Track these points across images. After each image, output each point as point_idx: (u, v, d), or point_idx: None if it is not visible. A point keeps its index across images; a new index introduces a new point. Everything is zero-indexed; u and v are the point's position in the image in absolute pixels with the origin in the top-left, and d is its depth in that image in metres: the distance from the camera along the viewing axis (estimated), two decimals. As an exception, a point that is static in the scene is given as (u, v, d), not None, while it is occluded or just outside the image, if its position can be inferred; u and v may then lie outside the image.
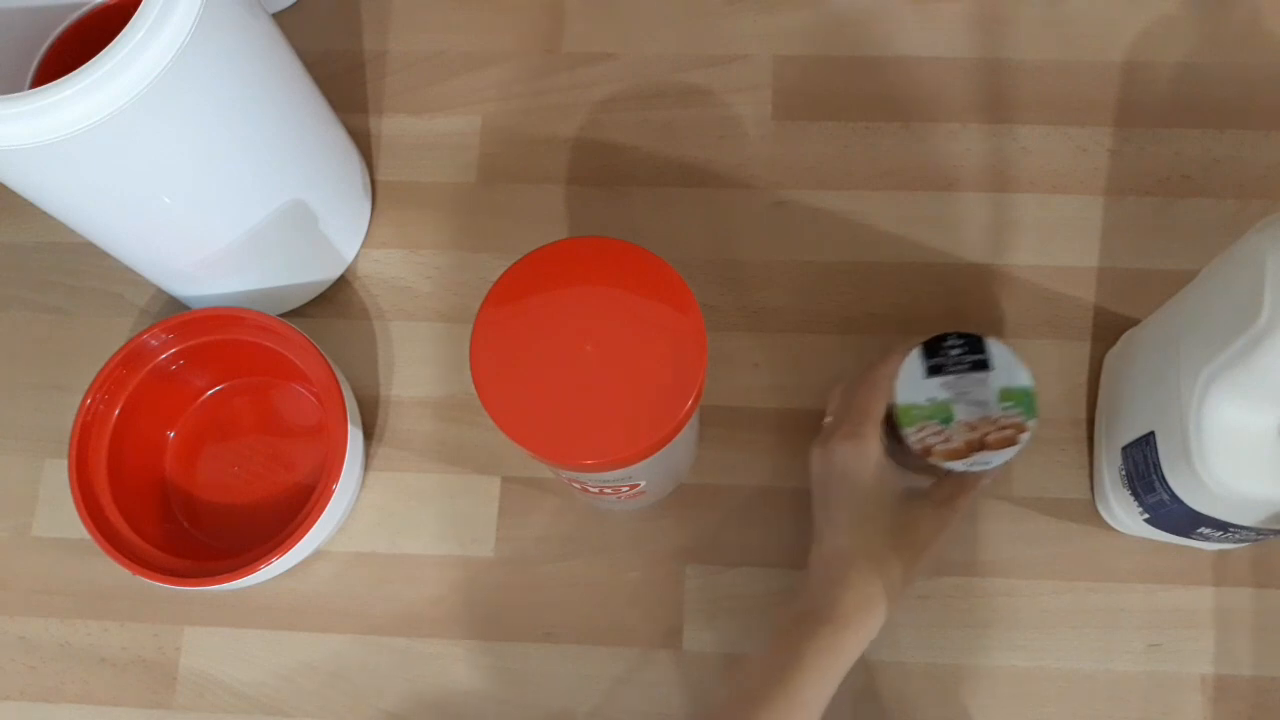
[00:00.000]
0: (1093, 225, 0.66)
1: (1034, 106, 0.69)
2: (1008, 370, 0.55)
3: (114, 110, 0.45)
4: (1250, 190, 0.66)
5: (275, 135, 0.56)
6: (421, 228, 0.69)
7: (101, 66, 0.44)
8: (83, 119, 0.45)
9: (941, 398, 0.54)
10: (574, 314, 0.47)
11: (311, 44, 0.69)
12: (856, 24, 0.71)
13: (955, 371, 0.55)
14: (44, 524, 0.65)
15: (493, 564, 0.63)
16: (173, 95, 0.47)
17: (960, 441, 0.54)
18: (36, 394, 0.67)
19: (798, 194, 0.68)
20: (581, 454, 0.46)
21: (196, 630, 0.63)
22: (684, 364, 0.46)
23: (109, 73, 0.44)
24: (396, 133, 0.71)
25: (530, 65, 0.72)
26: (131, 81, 0.45)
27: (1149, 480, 0.54)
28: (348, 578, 0.63)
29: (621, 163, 0.70)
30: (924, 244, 0.67)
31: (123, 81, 0.45)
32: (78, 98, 0.44)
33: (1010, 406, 0.54)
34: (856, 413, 0.55)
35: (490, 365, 0.46)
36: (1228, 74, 0.69)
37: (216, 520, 0.64)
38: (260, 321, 0.61)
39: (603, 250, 0.48)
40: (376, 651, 0.62)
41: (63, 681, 0.62)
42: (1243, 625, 0.60)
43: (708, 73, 0.71)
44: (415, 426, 0.65)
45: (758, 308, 0.66)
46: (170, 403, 0.64)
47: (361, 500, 0.64)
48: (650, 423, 0.45)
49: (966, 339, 0.55)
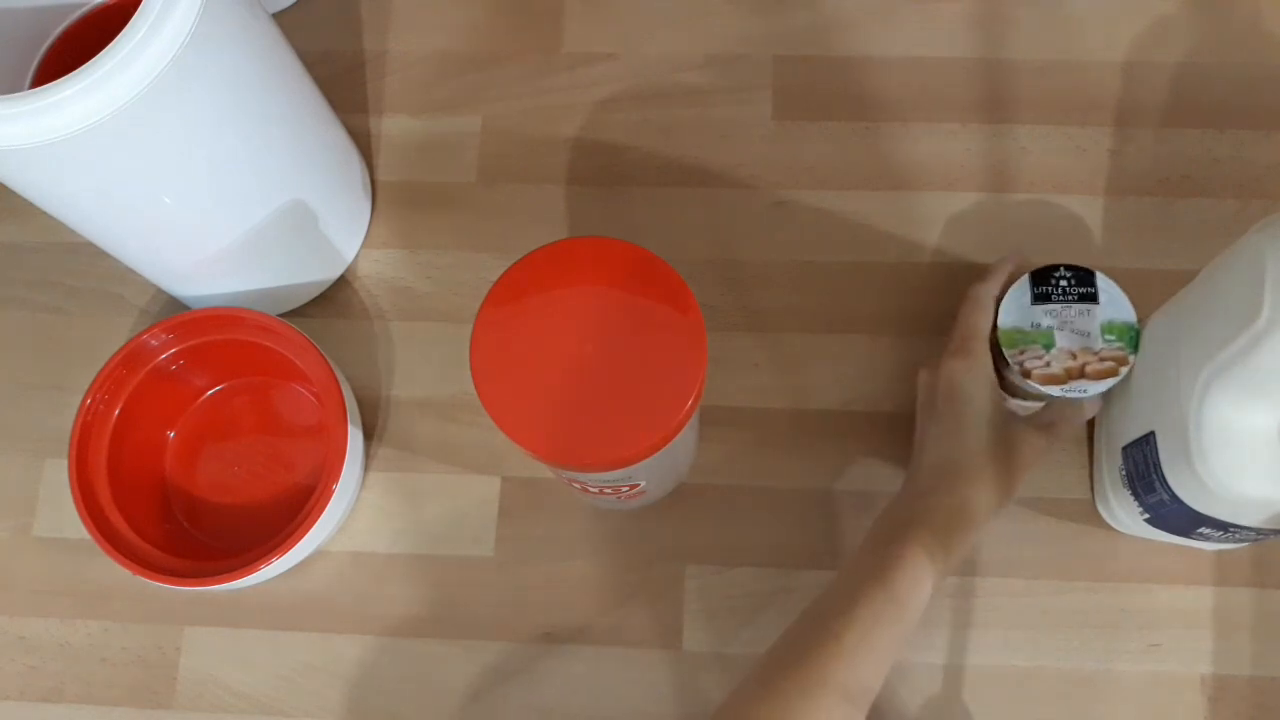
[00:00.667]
0: (1093, 225, 0.66)
1: (1034, 106, 0.69)
2: (1114, 305, 0.56)
3: (114, 110, 0.45)
4: (1250, 190, 0.66)
5: (275, 135, 0.56)
6: (421, 228, 0.69)
7: (101, 66, 0.44)
8: (83, 119, 0.45)
9: (1045, 324, 0.56)
10: (574, 314, 0.47)
11: (312, 44, 0.69)
12: (856, 24, 0.71)
13: (1062, 301, 0.57)
14: (44, 524, 0.65)
15: (492, 564, 0.63)
16: (173, 95, 0.47)
17: (1059, 368, 0.55)
18: (36, 394, 0.67)
19: (798, 194, 0.68)
20: (581, 454, 0.46)
21: (197, 630, 0.63)
22: (684, 363, 0.46)
23: (109, 72, 0.44)
24: (396, 133, 0.71)
25: (530, 65, 0.72)
26: (132, 81, 0.45)
27: (1149, 480, 0.54)
28: (348, 578, 0.63)
29: (622, 163, 0.69)
30: (924, 244, 0.67)
31: (123, 81, 0.45)
32: (78, 97, 0.44)
33: (1113, 340, 0.56)
34: (964, 331, 0.57)
35: (490, 365, 0.46)
36: (1228, 74, 0.69)
37: (216, 520, 0.64)
38: (260, 321, 0.61)
39: (603, 250, 0.48)
40: (376, 652, 0.62)
41: (63, 681, 0.62)
42: (1243, 625, 0.60)
43: (708, 73, 0.71)
44: (415, 427, 0.65)
45: (758, 308, 0.66)
46: (170, 403, 0.64)
47: (361, 500, 0.64)
48: (650, 423, 0.45)
49: (1076, 271, 0.57)
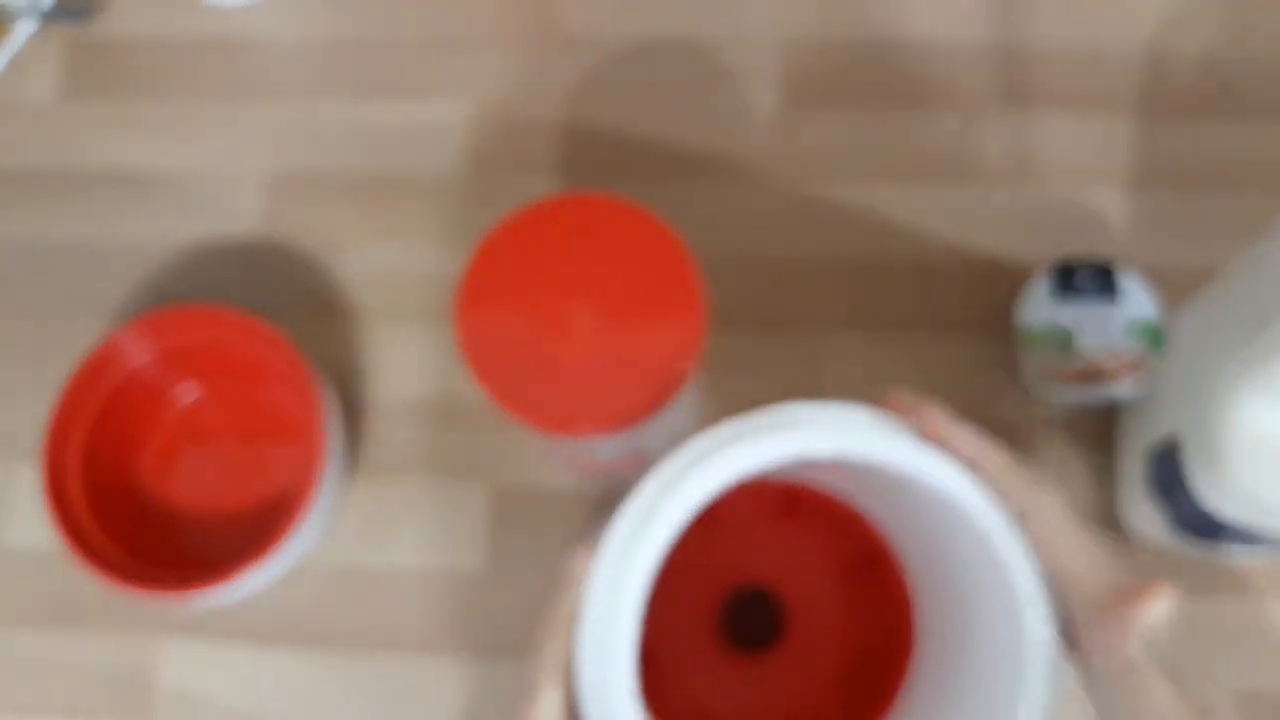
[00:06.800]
0: (1115, 220, 0.65)
1: (1054, 93, 0.67)
2: (1137, 303, 0.55)
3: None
4: (1278, 184, 0.65)
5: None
6: (409, 221, 0.67)
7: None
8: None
9: (1064, 323, 0.55)
10: (562, 276, 0.46)
11: (293, 31, 0.67)
12: (869, 6, 0.70)
13: (1083, 299, 0.56)
14: (16, 533, 0.63)
15: (483, 575, 0.61)
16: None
17: (1079, 368, 0.55)
18: (6, 398, 0.65)
19: (807, 185, 0.66)
20: (585, 419, 0.45)
21: (176, 643, 0.61)
22: (683, 314, 0.46)
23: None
24: (383, 122, 0.69)
25: (524, 49, 0.70)
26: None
27: (1172, 486, 0.52)
28: (332, 589, 0.62)
29: (620, 153, 0.68)
30: (939, 236, 0.65)
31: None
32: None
33: (1136, 339, 0.55)
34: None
35: (481, 342, 0.46)
36: (1253, 64, 0.67)
37: (194, 528, 0.62)
38: (240, 322, 0.59)
39: (582, 208, 0.47)
40: (362, 665, 0.60)
41: (38, 695, 0.61)
42: (1269, 639, 0.58)
43: (712, 57, 0.69)
44: (402, 432, 0.63)
45: (764, 304, 0.64)
46: (146, 406, 0.63)
47: (345, 509, 0.62)
48: (655, 375, 0.45)
49: (1098, 267, 0.56)
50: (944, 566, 0.42)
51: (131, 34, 0.71)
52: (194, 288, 0.66)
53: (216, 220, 0.67)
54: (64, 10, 0.71)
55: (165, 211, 0.68)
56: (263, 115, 0.69)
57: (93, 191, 0.68)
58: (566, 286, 0.46)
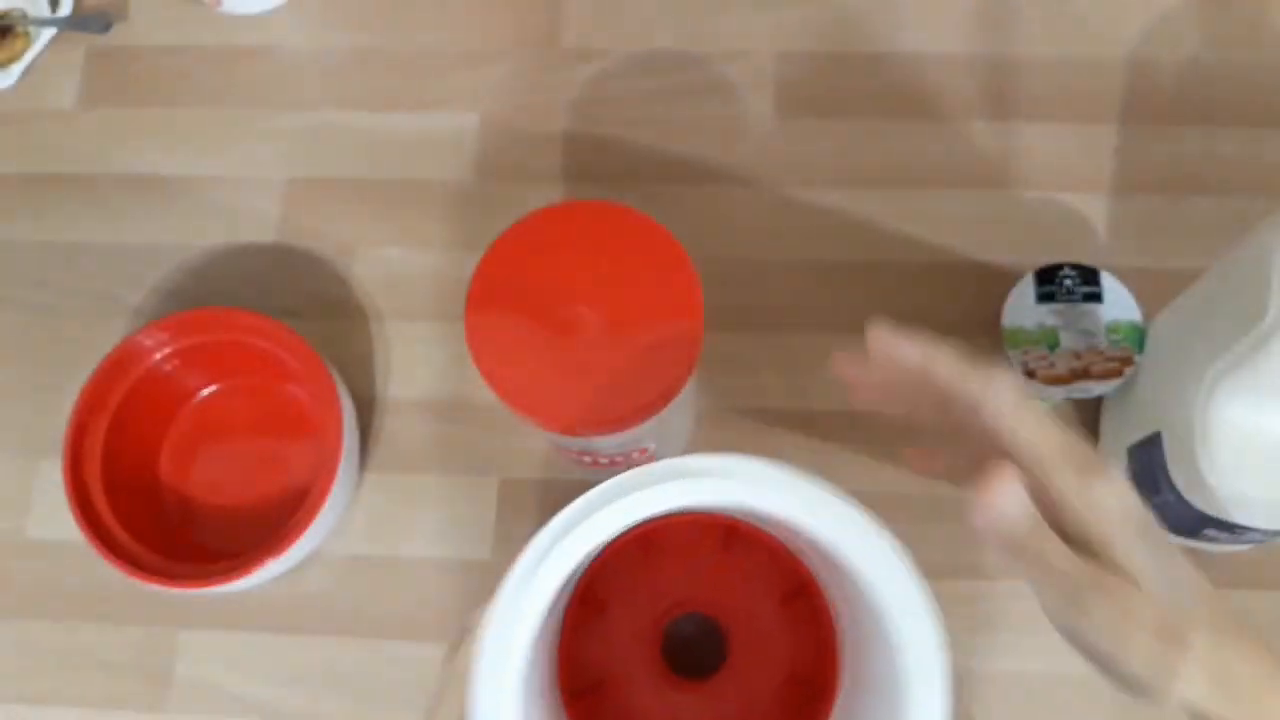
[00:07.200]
0: (1098, 223, 0.66)
1: (1039, 102, 0.68)
2: (1119, 304, 0.56)
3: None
4: (1257, 188, 0.66)
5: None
6: (421, 226, 0.68)
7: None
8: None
9: (1049, 324, 0.56)
10: (567, 279, 0.47)
11: (307, 40, 0.68)
12: (859, 19, 0.71)
13: (1066, 300, 0.56)
14: (39, 526, 0.64)
15: (491, 566, 0.62)
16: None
17: (1064, 368, 0.55)
18: (30, 395, 0.67)
19: (800, 192, 0.67)
20: (589, 419, 0.46)
21: (192, 633, 0.62)
22: (681, 317, 0.46)
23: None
24: (393, 130, 0.70)
25: (529, 61, 0.71)
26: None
27: (1155, 481, 0.53)
28: (344, 581, 0.63)
29: (621, 160, 0.69)
30: (927, 242, 0.66)
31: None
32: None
33: (1118, 339, 0.55)
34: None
35: (489, 341, 0.47)
36: (1234, 70, 0.68)
37: (212, 522, 0.63)
38: (255, 322, 0.60)
39: (586, 214, 0.48)
40: (373, 656, 0.61)
41: (58, 684, 0.62)
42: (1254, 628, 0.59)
43: (709, 69, 0.70)
44: (412, 428, 0.65)
45: (758, 308, 0.65)
46: (165, 403, 0.64)
47: (358, 502, 0.64)
48: (657, 376, 0.46)
49: (1081, 270, 0.57)
50: (851, 600, 0.42)
51: (149, 43, 0.73)
52: (212, 290, 0.68)
53: (233, 224, 0.69)
54: (83, 20, 0.73)
55: (183, 216, 0.69)
56: (278, 123, 0.71)
57: (112, 196, 0.70)
58: (571, 289, 0.47)
